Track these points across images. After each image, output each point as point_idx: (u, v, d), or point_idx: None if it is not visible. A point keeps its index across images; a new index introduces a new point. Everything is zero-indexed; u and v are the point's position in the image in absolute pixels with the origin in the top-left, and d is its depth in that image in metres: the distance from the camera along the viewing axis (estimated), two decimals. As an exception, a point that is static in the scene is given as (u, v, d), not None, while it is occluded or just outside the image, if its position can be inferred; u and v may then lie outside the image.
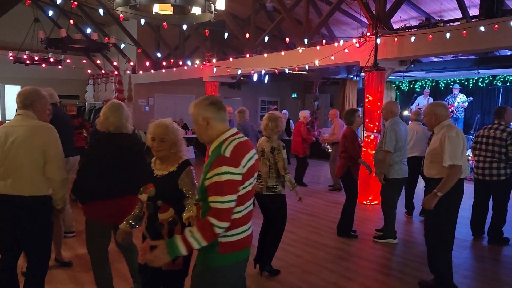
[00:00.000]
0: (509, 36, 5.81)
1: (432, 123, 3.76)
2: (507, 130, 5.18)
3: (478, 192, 5.52)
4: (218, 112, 2.21)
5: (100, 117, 3.23)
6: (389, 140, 5.03)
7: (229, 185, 2.06)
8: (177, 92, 15.92)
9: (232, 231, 2.15)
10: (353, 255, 4.95)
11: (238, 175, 2.08)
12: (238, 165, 2.09)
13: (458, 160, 3.52)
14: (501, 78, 12.63)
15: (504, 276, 4.38)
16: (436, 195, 3.54)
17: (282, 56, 9.21)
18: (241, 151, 2.15)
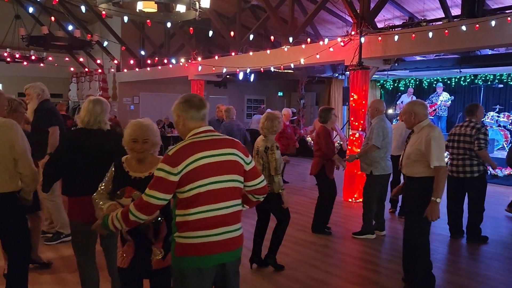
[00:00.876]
0: (489, 35, 5.94)
1: (411, 121, 3.75)
2: (476, 127, 5.20)
3: (452, 190, 5.46)
4: (188, 110, 2.26)
5: (81, 113, 3.16)
6: (377, 136, 5.13)
7: (159, 182, 2.12)
8: (162, 91, 15.80)
9: (186, 233, 2.16)
10: (339, 252, 4.99)
11: (173, 175, 2.11)
12: (176, 165, 2.11)
13: (443, 161, 3.55)
14: (482, 77, 12.89)
15: (483, 270, 4.47)
16: (436, 202, 3.52)
17: (268, 54, 9.23)
18: (187, 152, 2.15)
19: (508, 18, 5.74)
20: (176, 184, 2.12)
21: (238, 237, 2.29)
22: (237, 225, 2.29)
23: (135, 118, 2.69)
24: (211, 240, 2.17)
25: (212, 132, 2.29)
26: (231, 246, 2.24)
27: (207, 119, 2.33)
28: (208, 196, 2.16)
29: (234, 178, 2.24)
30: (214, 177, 2.18)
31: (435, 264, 4.52)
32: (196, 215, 2.15)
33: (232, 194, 2.25)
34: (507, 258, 4.83)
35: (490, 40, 6.01)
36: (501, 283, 4.14)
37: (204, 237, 2.16)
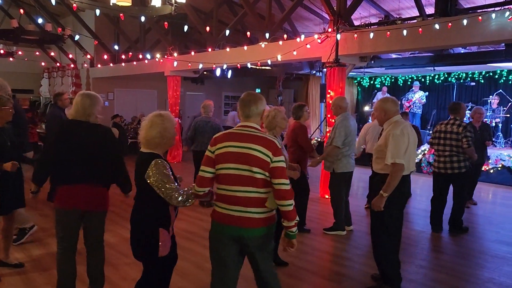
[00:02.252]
0: (461, 34, 6.04)
1: (382, 118, 3.76)
2: (462, 125, 5.41)
3: (437, 186, 5.62)
4: (241, 108, 2.72)
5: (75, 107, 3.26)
6: (338, 136, 5.12)
7: (205, 158, 2.69)
8: (138, 87, 15.54)
9: (216, 202, 2.73)
10: (314, 248, 5.00)
11: (210, 153, 2.66)
12: (212, 146, 2.68)
13: (400, 159, 3.50)
14: (455, 75, 13.18)
15: (460, 266, 4.55)
16: (382, 195, 3.54)
17: (245, 50, 9.16)
18: (221, 138, 2.66)
19: (480, 17, 5.85)
20: (214, 161, 2.64)
21: (257, 219, 2.60)
22: (257, 209, 2.60)
23: (110, 115, 2.78)
24: (227, 213, 2.63)
25: (249, 128, 2.67)
26: (247, 224, 2.60)
27: (256, 115, 2.70)
28: (227, 178, 2.62)
29: (253, 169, 2.56)
30: (234, 163, 2.59)
31: (417, 261, 4.59)
32: (221, 190, 2.67)
33: (249, 182, 2.58)
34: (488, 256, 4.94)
35: (462, 39, 6.12)
36: (486, 281, 4.22)
37: (223, 209, 2.65)
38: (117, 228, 5.61)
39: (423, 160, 10.07)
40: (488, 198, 7.92)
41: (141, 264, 4.36)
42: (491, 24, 5.80)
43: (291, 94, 17.15)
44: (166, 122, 2.77)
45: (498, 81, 12.38)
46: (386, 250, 3.75)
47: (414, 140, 3.67)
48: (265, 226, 2.63)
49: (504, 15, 5.64)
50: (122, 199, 7.16)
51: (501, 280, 4.15)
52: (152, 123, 2.75)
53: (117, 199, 7.22)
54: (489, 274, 4.31)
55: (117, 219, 6.02)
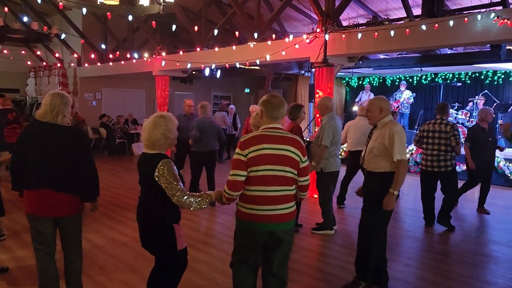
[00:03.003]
0: (448, 35, 6.11)
1: (377, 116, 3.74)
2: (449, 124, 5.68)
3: (426, 183, 5.89)
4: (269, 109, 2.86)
5: (44, 107, 3.07)
6: (327, 136, 5.15)
7: (235, 162, 2.75)
8: (126, 86, 15.41)
9: (243, 204, 2.84)
10: (303, 248, 5.01)
11: (243, 156, 2.72)
12: (243, 149, 2.74)
13: (405, 155, 3.62)
14: (442, 76, 13.33)
15: (446, 264, 4.60)
16: (393, 194, 3.56)
17: (233, 50, 9.15)
18: (253, 141, 2.76)
19: (465, 18, 5.92)
20: (246, 164, 2.72)
21: (285, 214, 2.83)
22: (286, 204, 2.83)
23: (97, 115, 2.72)
24: (260, 213, 2.78)
25: (278, 129, 2.83)
26: (276, 219, 2.79)
27: (282, 117, 2.88)
28: (262, 179, 2.75)
29: (286, 169, 2.77)
30: (270, 165, 2.74)
31: (404, 260, 4.63)
32: (253, 192, 2.78)
33: (282, 181, 2.79)
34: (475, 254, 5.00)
35: (449, 40, 6.19)
36: (471, 279, 4.27)
37: (253, 210, 2.79)
38: (104, 229, 5.56)
39: (411, 159, 10.17)
40: (474, 197, 8.01)
41: (128, 265, 4.35)
42: (476, 25, 5.88)
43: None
44: (169, 123, 2.85)
45: (484, 82, 12.56)
46: (381, 251, 3.78)
47: None
48: (293, 219, 2.93)
49: (489, 16, 5.72)
50: (109, 199, 7.16)
51: (487, 278, 4.21)
52: (156, 125, 2.81)
53: (104, 199, 7.19)
54: (474, 272, 4.37)
55: (104, 220, 5.96)
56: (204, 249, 4.72)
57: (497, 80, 12.35)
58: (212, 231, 5.69)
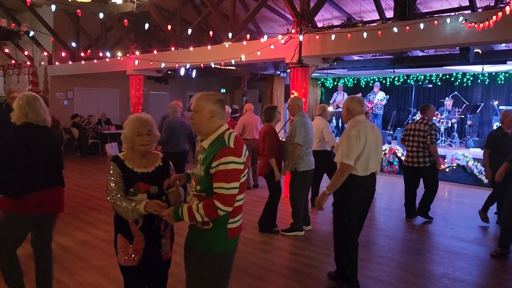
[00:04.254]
0: (418, 37, 6.25)
1: (345, 116, 3.80)
2: (428, 124, 6.08)
3: (408, 178, 6.37)
4: (221, 109, 2.41)
5: (15, 110, 3.15)
6: (299, 134, 5.15)
7: (234, 173, 2.27)
8: (99, 86, 15.12)
9: (237, 217, 2.43)
10: (277, 248, 5.02)
11: (241, 164, 2.31)
12: (240, 155, 2.32)
13: (349, 159, 3.51)
14: (414, 77, 13.64)
15: (417, 262, 4.69)
16: (325, 193, 3.59)
17: (208, 50, 9.10)
18: (240, 143, 2.36)
19: (435, 22, 6.07)
20: (242, 172, 2.35)
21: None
22: None
23: (69, 114, 2.64)
24: (241, 222, 2.50)
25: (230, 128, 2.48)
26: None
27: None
28: (245, 183, 2.43)
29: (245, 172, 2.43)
30: (247, 166, 2.45)
31: (377, 258, 4.69)
32: (241, 200, 2.43)
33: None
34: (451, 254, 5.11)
35: (419, 42, 6.33)
36: (441, 276, 4.36)
37: (239, 221, 2.48)
38: (73, 231, 5.42)
39: (384, 159, 10.35)
40: (444, 196, 8.22)
41: (98, 267, 4.25)
42: (446, 28, 6.03)
43: (256, 95, 17.20)
44: (126, 126, 2.60)
45: (454, 84, 12.91)
46: (348, 250, 3.80)
47: (375, 141, 3.69)
48: None
49: (458, 20, 5.88)
50: (80, 201, 7.00)
51: (455, 275, 4.31)
52: (124, 124, 2.66)
53: (74, 200, 7.02)
54: (443, 269, 4.47)
55: (74, 221, 5.82)
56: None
57: (466, 82, 12.72)
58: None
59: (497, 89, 12.26)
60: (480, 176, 8.87)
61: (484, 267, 4.57)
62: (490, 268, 4.56)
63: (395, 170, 10.20)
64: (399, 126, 13.14)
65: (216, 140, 2.33)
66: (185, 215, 2.30)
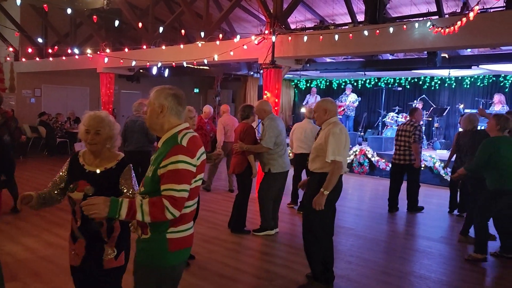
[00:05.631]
0: (388, 41, 6.40)
1: (322, 118, 3.84)
2: (414, 125, 6.70)
3: (393, 173, 7.01)
4: (177, 105, 2.18)
5: None
6: (269, 137, 5.14)
7: (185, 174, 2.04)
8: (68, 83, 14.73)
9: (181, 227, 2.13)
10: (248, 248, 5.03)
11: (192, 166, 2.07)
12: (193, 156, 2.08)
13: (340, 156, 3.62)
14: (384, 80, 13.95)
15: (385, 261, 4.80)
16: (324, 193, 3.63)
17: (181, 49, 9.02)
18: (196, 144, 2.14)
19: (404, 26, 6.23)
20: (195, 175, 2.10)
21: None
22: None
23: (36, 112, 2.54)
24: (191, 232, 2.22)
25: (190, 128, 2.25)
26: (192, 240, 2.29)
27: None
28: (197, 190, 2.20)
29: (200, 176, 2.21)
30: (201, 173, 2.19)
31: (347, 258, 4.76)
32: (191, 207, 2.17)
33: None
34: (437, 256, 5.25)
35: (389, 46, 6.49)
36: (408, 274, 4.47)
37: (190, 229, 2.20)
38: (41, 232, 5.27)
39: (355, 160, 10.53)
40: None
41: (66, 269, 4.13)
42: (414, 33, 6.20)
43: (229, 95, 17.16)
44: (81, 123, 2.52)
45: (422, 87, 13.28)
46: (320, 248, 3.84)
47: (348, 142, 3.82)
48: None
49: (426, 25, 6.06)
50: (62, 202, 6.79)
51: (421, 272, 4.44)
52: None
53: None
54: (410, 267, 4.59)
55: (41, 223, 5.66)
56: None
57: (434, 86, 13.11)
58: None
59: (462, 93, 12.70)
60: (446, 177, 9.15)
61: (448, 265, 4.73)
62: (454, 265, 4.72)
63: (365, 171, 10.40)
64: (370, 128, 13.41)
65: (170, 138, 2.12)
66: (123, 209, 1.97)
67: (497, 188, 4.60)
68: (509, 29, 5.58)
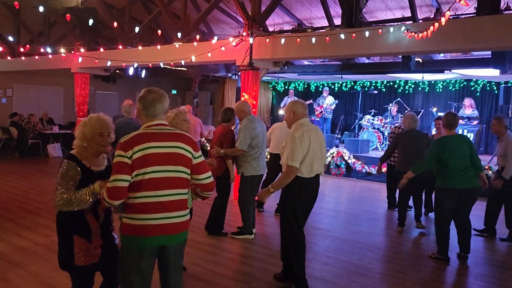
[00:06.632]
0: (364, 45, 6.50)
1: (290, 119, 3.85)
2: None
3: (388, 174, 7.22)
4: (143, 107, 2.53)
5: None
6: (243, 139, 5.09)
7: (117, 165, 2.35)
8: (42, 83, 14.37)
9: (130, 214, 2.42)
10: (225, 251, 5.00)
11: (125, 158, 2.35)
12: (126, 150, 2.36)
13: (294, 162, 3.57)
14: (360, 83, 14.17)
15: (357, 261, 4.86)
16: (269, 190, 3.67)
17: (158, 50, 8.93)
18: (135, 140, 2.40)
19: (380, 30, 6.34)
20: (131, 167, 2.36)
21: (180, 223, 2.51)
22: (180, 212, 2.51)
23: (8, 112, 2.48)
24: (150, 223, 2.41)
25: (164, 126, 2.54)
26: (171, 230, 2.47)
27: (163, 113, 2.56)
28: (151, 183, 2.40)
29: (179, 169, 2.47)
30: (159, 166, 2.41)
31: (322, 259, 4.79)
32: (140, 199, 2.40)
33: (176, 184, 2.48)
34: (376, 248, 5.32)
35: (365, 49, 6.59)
36: (380, 273, 4.53)
37: (145, 220, 2.40)
38: (10, 236, 5.10)
39: (332, 162, 10.64)
40: (381, 196, 8.58)
41: (36, 275, 4.03)
42: (389, 37, 6.32)
43: (207, 96, 17.10)
44: (87, 125, 2.64)
45: (397, 90, 13.56)
46: (295, 251, 3.85)
47: (319, 144, 3.77)
48: (186, 230, 2.60)
49: (400, 29, 6.18)
50: (18, 204, 6.60)
51: (395, 272, 4.51)
52: (80, 124, 2.69)
53: (12, 204, 6.62)
54: (385, 267, 4.67)
55: (11, 226, 5.48)
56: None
57: (408, 89, 13.40)
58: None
59: (435, 97, 13.03)
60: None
61: (419, 264, 4.82)
62: (425, 265, 4.81)
63: (342, 173, 10.51)
64: (347, 130, 13.59)
65: None
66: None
67: (442, 186, 4.80)
68: (479, 35, 5.76)
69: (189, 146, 2.53)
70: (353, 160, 10.38)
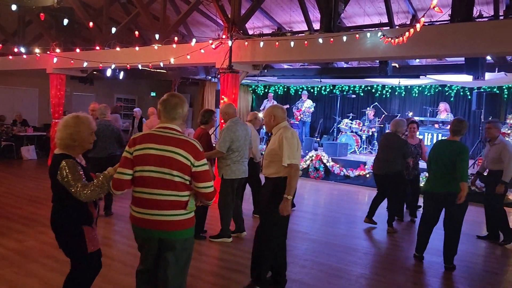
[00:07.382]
0: (342, 49, 6.59)
1: (270, 124, 3.88)
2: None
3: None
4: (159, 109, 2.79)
5: None
6: (223, 141, 5.07)
7: (123, 160, 2.68)
8: (15, 84, 13.99)
9: (132, 206, 2.74)
10: (204, 254, 4.96)
11: (129, 154, 2.66)
12: (130, 147, 2.67)
13: (296, 159, 3.70)
14: (339, 87, 14.34)
15: (337, 263, 4.89)
16: (287, 199, 3.64)
17: (136, 51, 8.84)
18: (140, 139, 2.67)
19: (357, 35, 6.44)
20: (132, 162, 2.64)
21: (174, 221, 2.65)
22: (173, 211, 2.64)
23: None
24: (144, 217, 2.67)
25: (171, 130, 2.70)
26: (165, 226, 2.65)
27: (180, 118, 2.75)
28: (145, 180, 2.64)
29: (173, 173, 2.61)
30: (155, 166, 2.62)
31: (301, 262, 4.81)
32: (137, 193, 2.69)
33: (170, 185, 2.63)
34: (353, 250, 5.38)
35: (343, 54, 6.68)
36: (359, 276, 4.57)
37: (139, 213, 2.68)
38: (-20, 242, 4.93)
39: (311, 165, 10.71)
40: (365, 200, 8.70)
41: (7, 281, 3.90)
42: (366, 42, 6.42)
43: (187, 99, 16.95)
44: (81, 125, 2.77)
45: (375, 95, 13.78)
46: (272, 252, 3.86)
47: (300, 145, 3.84)
48: (189, 228, 2.73)
49: (377, 35, 6.29)
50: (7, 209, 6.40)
51: (372, 275, 4.56)
52: (66, 124, 2.76)
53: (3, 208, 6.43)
54: (361, 270, 4.71)
55: (-19, 232, 5.30)
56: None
57: (385, 94, 13.64)
58: (109, 241, 5.37)
59: (411, 101, 13.29)
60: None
61: (398, 267, 4.89)
62: (404, 268, 4.89)
63: (320, 176, 10.60)
64: (326, 133, 13.71)
65: None
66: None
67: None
68: (453, 41, 5.91)
69: (188, 153, 2.63)
70: (332, 163, 10.48)
